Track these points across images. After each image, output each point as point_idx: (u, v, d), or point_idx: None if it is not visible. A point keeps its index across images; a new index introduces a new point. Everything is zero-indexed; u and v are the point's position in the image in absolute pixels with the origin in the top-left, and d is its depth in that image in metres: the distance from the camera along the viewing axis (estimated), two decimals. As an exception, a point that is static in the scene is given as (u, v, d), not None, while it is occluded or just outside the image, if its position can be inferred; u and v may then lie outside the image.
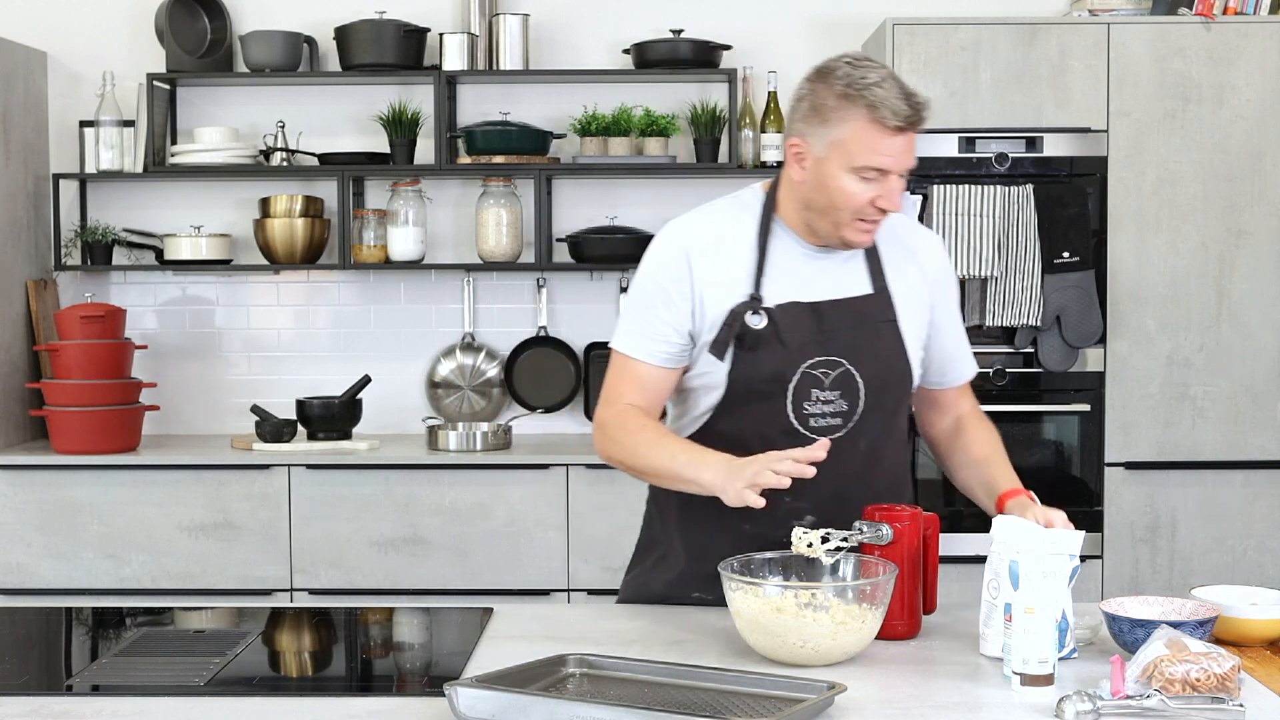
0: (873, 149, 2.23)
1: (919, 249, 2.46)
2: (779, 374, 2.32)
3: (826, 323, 2.34)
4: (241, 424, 4.80)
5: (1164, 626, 2.01)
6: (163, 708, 1.91)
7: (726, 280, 2.35)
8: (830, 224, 2.31)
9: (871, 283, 2.39)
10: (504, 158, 4.62)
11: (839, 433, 2.34)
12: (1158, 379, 4.33)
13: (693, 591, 2.41)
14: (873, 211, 2.28)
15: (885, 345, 2.37)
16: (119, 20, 4.85)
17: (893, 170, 2.25)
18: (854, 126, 2.23)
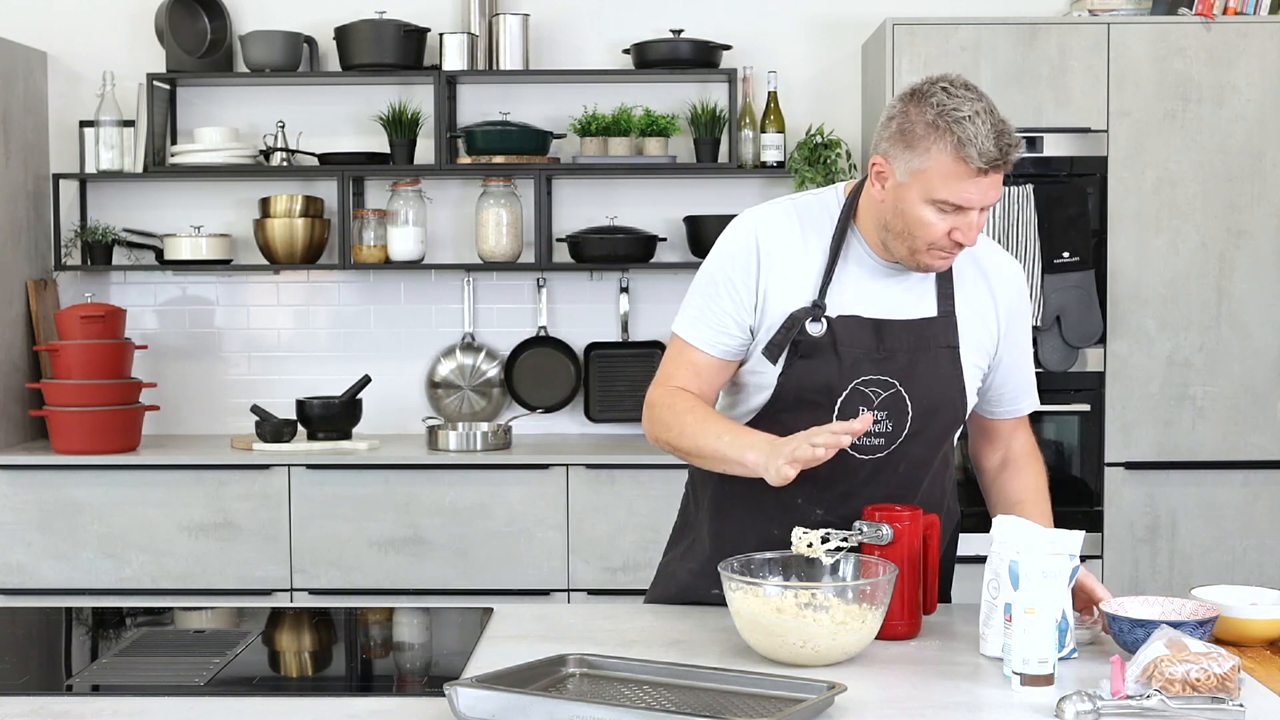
0: (955, 186, 2.16)
1: (996, 276, 2.38)
2: (829, 386, 2.29)
3: (886, 341, 2.29)
4: (241, 424, 4.80)
5: (1164, 626, 2.01)
6: (163, 708, 1.91)
7: (793, 281, 2.31)
8: (905, 249, 2.25)
9: (938, 305, 2.33)
10: (504, 158, 4.62)
11: (880, 454, 2.31)
12: (1158, 379, 4.33)
13: (713, 588, 2.40)
14: (949, 243, 2.21)
15: (942, 371, 2.32)
16: (119, 20, 4.85)
17: (975, 208, 2.19)
18: (939, 160, 2.16)
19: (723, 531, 2.41)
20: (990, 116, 2.15)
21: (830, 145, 4.63)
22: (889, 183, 2.23)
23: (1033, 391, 2.48)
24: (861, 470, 2.31)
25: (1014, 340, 2.41)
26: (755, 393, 2.36)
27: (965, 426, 2.48)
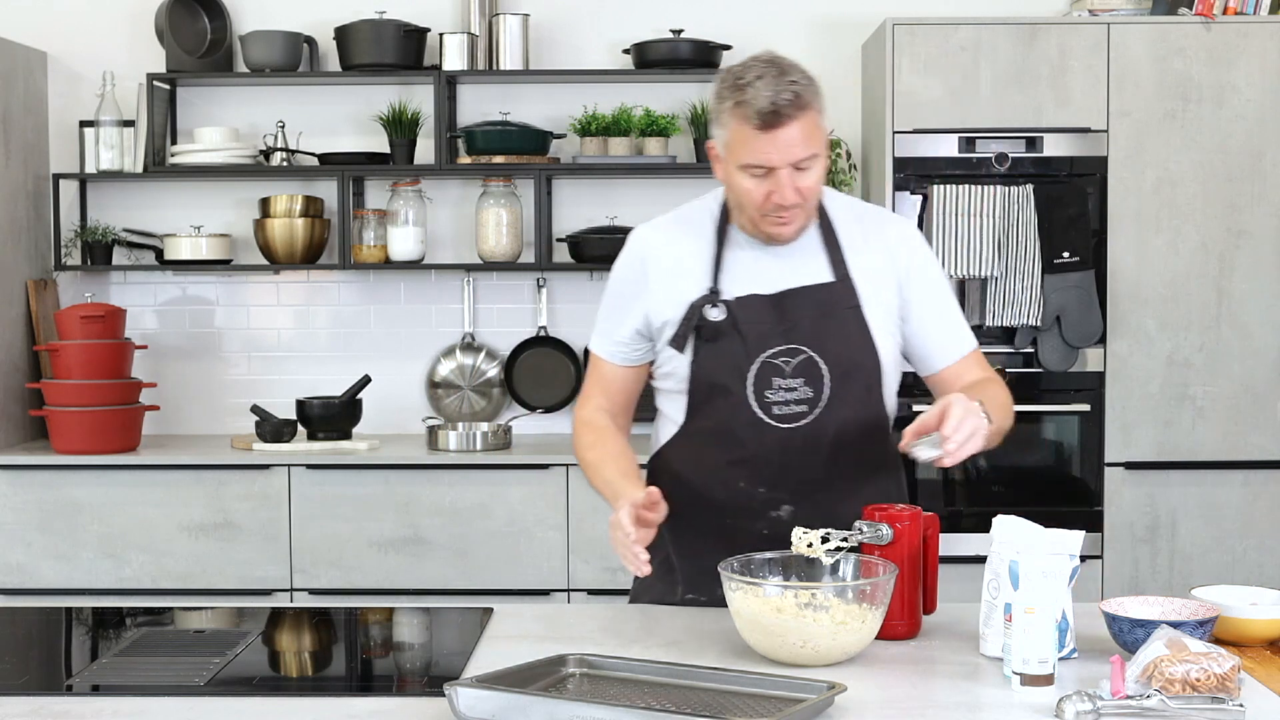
0: (751, 147, 2.26)
1: (886, 237, 2.45)
2: (737, 365, 2.36)
3: (788, 312, 2.37)
4: (241, 424, 4.80)
5: (1164, 626, 2.01)
6: (163, 708, 1.91)
7: (684, 278, 2.40)
8: (748, 221, 2.36)
9: (833, 271, 2.40)
10: (504, 158, 4.62)
11: (804, 420, 2.37)
12: (1158, 379, 4.33)
13: (686, 593, 2.43)
14: (771, 206, 2.30)
15: (849, 332, 2.38)
16: (119, 20, 4.85)
17: (776, 165, 2.26)
18: (732, 127, 2.28)
19: (680, 534, 2.44)
20: (772, 77, 2.25)
21: (830, 145, 4.63)
22: (719, 164, 2.36)
23: (963, 333, 2.48)
24: (792, 441, 2.37)
25: (923, 294, 2.44)
26: (674, 386, 2.45)
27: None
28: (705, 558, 2.37)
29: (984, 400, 2.25)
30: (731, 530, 2.38)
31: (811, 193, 2.32)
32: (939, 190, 4.25)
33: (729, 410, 2.36)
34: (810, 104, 2.29)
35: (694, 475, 2.43)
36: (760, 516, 2.38)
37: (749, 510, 2.38)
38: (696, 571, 2.42)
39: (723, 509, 2.39)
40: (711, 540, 2.38)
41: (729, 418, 2.37)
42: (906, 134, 4.30)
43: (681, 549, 2.45)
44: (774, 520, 2.38)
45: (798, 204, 2.30)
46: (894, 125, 4.30)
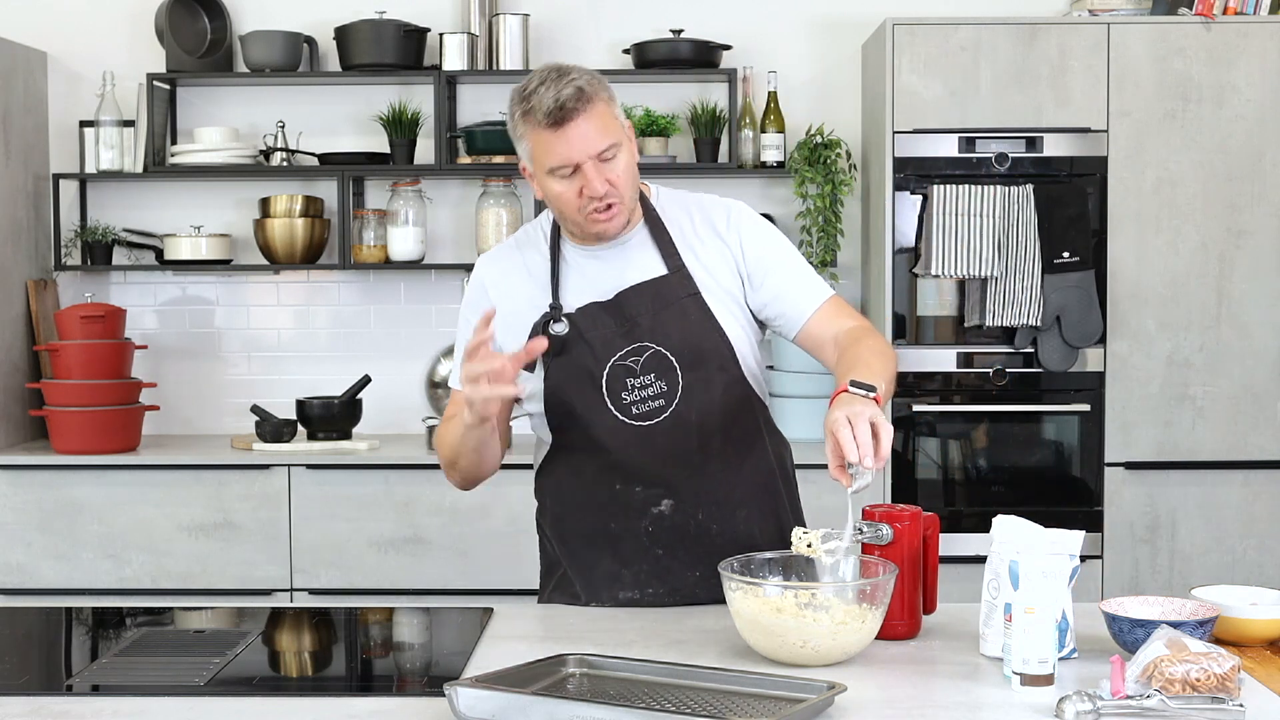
0: (550, 149, 2.29)
1: (715, 222, 2.46)
2: (589, 372, 2.38)
3: (626, 312, 2.39)
4: (241, 424, 4.81)
5: (1164, 626, 2.01)
6: (163, 708, 1.91)
7: (526, 300, 2.43)
8: (571, 224, 2.39)
9: (666, 264, 2.42)
10: (504, 158, 4.62)
11: (664, 414, 2.38)
12: (1158, 379, 4.33)
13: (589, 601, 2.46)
14: (587, 202, 2.32)
15: (691, 319, 2.39)
16: (119, 20, 4.85)
17: (578, 160, 2.29)
18: (529, 137, 2.32)
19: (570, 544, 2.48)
20: (553, 77, 2.29)
21: (830, 145, 4.63)
22: (533, 181, 2.38)
23: (815, 283, 2.45)
24: (655, 437, 2.38)
25: (762, 262, 2.43)
26: (535, 407, 2.47)
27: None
28: (598, 565, 2.44)
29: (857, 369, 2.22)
30: (618, 534, 2.42)
31: (623, 182, 2.33)
32: (939, 190, 4.24)
33: (590, 419, 2.39)
34: (595, 95, 2.30)
35: (573, 487, 2.46)
36: (643, 514, 2.41)
37: (630, 510, 2.41)
38: (593, 580, 2.46)
39: (605, 514, 2.42)
40: (600, 546, 2.43)
41: (591, 426, 2.40)
42: (906, 134, 4.30)
43: (575, 561, 2.48)
44: (656, 516, 2.41)
45: (612, 194, 2.32)
46: (894, 125, 4.30)
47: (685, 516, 2.41)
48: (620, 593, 2.43)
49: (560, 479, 2.50)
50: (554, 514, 2.51)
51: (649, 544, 2.41)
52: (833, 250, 4.61)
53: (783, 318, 2.45)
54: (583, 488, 2.45)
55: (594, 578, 2.45)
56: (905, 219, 4.34)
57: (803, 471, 2.62)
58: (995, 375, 4.34)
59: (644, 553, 2.42)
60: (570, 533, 2.48)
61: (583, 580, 2.47)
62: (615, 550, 2.42)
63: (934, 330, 4.41)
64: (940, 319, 4.41)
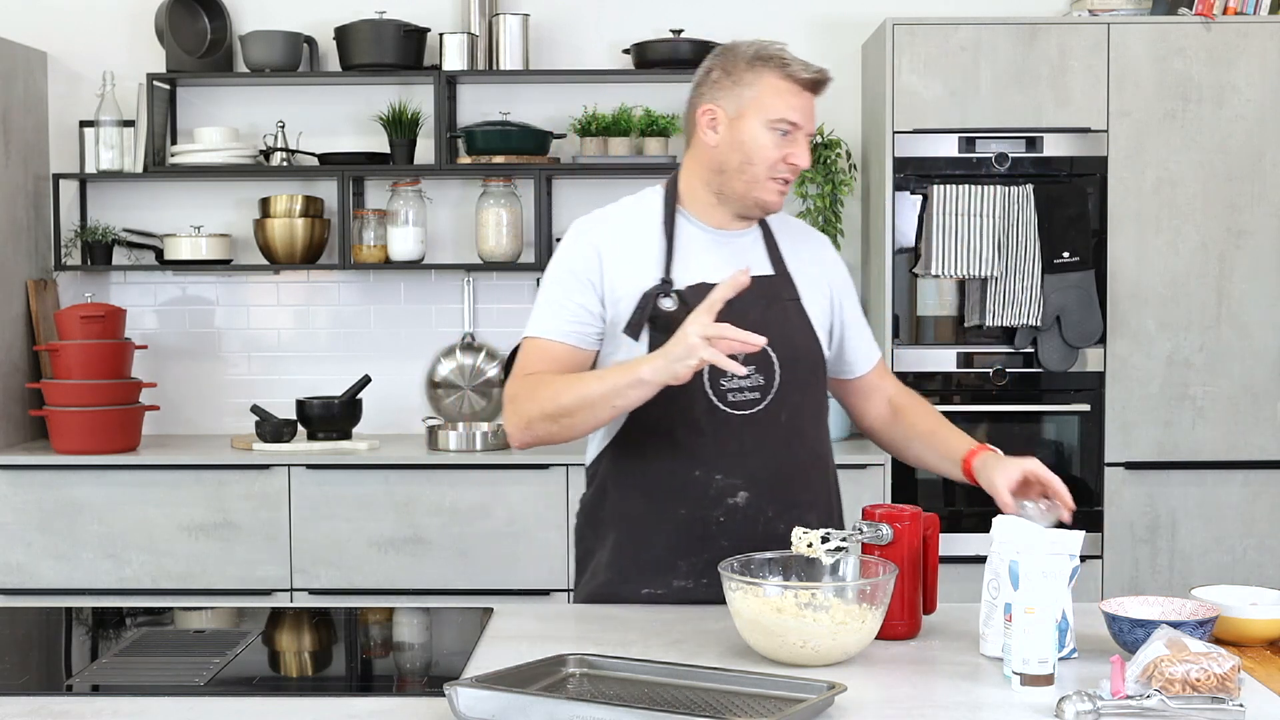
0: (786, 103, 2.37)
1: (815, 245, 2.59)
2: None
3: (736, 302, 2.36)
4: (241, 424, 4.81)
5: (1164, 626, 2.01)
6: (163, 708, 1.91)
7: (635, 268, 2.42)
8: (744, 183, 2.41)
9: (773, 266, 2.48)
10: (504, 158, 4.62)
11: (758, 407, 2.41)
12: (1158, 379, 4.33)
13: (641, 588, 2.43)
14: (785, 169, 2.39)
15: (792, 322, 2.46)
16: (119, 20, 4.85)
17: (802, 126, 2.38)
18: (768, 83, 2.38)
19: (630, 530, 2.45)
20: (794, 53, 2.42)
21: (830, 145, 4.63)
22: (721, 125, 2.41)
23: (874, 342, 2.65)
24: (746, 428, 2.40)
25: (850, 307, 2.59)
26: None
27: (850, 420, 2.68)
28: (652, 551, 2.42)
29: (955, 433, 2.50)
30: (688, 520, 2.40)
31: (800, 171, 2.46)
32: (939, 190, 4.25)
33: (685, 399, 2.36)
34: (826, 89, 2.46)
35: (644, 469, 2.43)
36: (717, 504, 2.40)
37: (705, 499, 2.40)
38: (643, 565, 2.43)
39: (676, 499, 2.40)
40: (662, 532, 2.41)
41: (685, 406, 2.38)
42: (906, 134, 4.31)
43: (627, 544, 2.45)
44: (730, 507, 2.40)
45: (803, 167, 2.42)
46: (894, 125, 4.31)
47: (757, 511, 2.40)
48: (674, 581, 2.40)
49: (630, 460, 2.46)
50: (615, 496, 2.47)
51: (717, 534, 2.39)
52: (833, 250, 4.61)
53: (849, 363, 2.60)
54: (656, 470, 2.41)
55: (645, 563, 2.42)
56: (905, 219, 4.34)
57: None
58: (995, 375, 4.34)
59: (709, 543, 2.38)
60: (633, 516, 2.44)
61: (633, 566, 2.43)
62: (677, 538, 2.39)
63: (934, 330, 4.41)
64: (940, 319, 4.41)
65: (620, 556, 2.46)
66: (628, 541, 2.45)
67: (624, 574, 2.45)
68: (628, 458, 2.46)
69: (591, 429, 2.40)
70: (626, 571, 2.45)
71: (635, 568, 2.44)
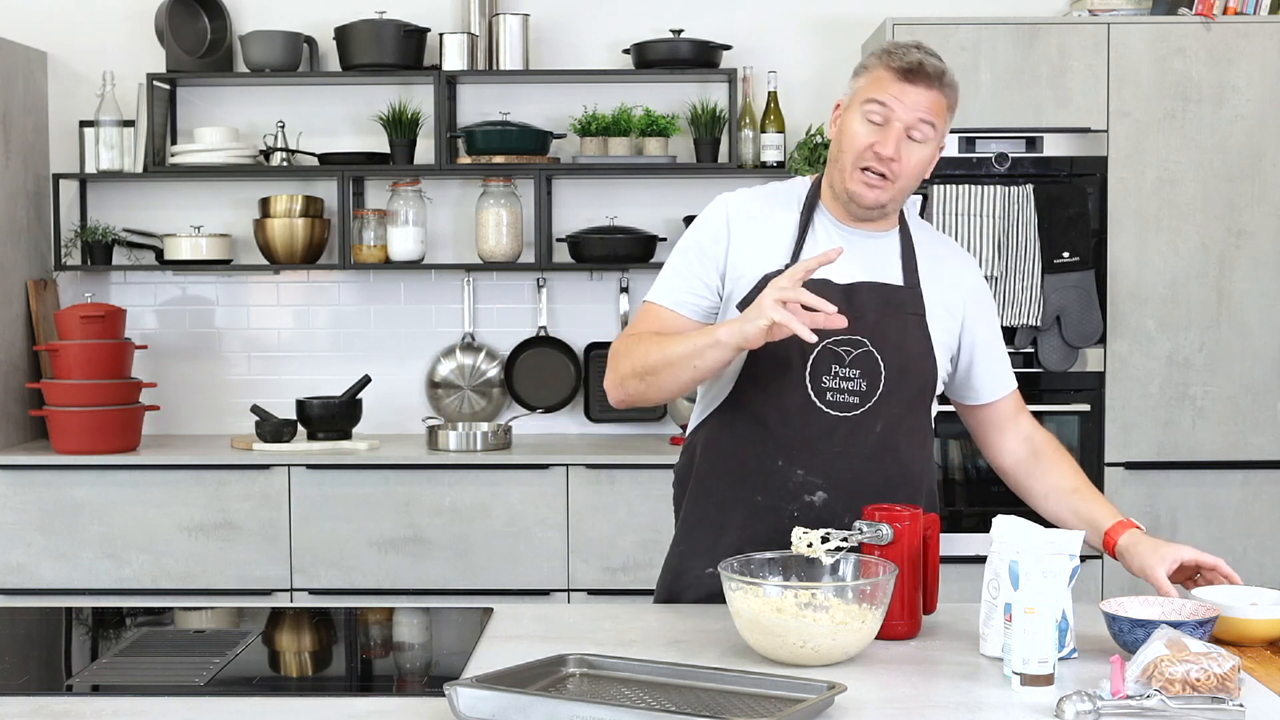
0: (880, 86, 2.35)
1: (957, 265, 2.52)
2: (800, 345, 2.32)
3: (855, 303, 2.38)
4: (241, 424, 4.81)
5: (1164, 626, 2.01)
6: (163, 708, 1.91)
7: (763, 249, 2.41)
8: (839, 173, 2.40)
9: (904, 277, 2.44)
10: (504, 158, 4.62)
11: (855, 411, 2.38)
12: (1158, 379, 4.33)
13: (706, 566, 2.42)
14: (870, 157, 2.35)
15: (911, 335, 2.41)
16: (119, 20, 4.85)
17: (895, 115, 2.34)
18: (874, 73, 2.38)
19: (705, 508, 2.46)
20: (929, 51, 2.39)
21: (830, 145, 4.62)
22: (837, 116, 2.44)
23: (1010, 372, 2.58)
24: (839, 429, 2.38)
25: (987, 330, 2.52)
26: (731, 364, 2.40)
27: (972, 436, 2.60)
28: (725, 533, 2.41)
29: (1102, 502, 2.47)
30: (763, 508, 2.39)
31: (907, 169, 2.38)
32: (939, 190, 4.24)
33: (783, 389, 2.36)
34: (946, 86, 2.39)
35: (730, 449, 2.42)
36: (794, 499, 2.38)
37: (784, 490, 2.38)
38: (716, 545, 2.42)
39: (755, 485, 2.40)
40: (737, 515, 2.40)
41: (782, 396, 2.37)
42: (906, 134, 4.30)
43: (703, 522, 2.45)
44: (807, 504, 2.39)
45: (893, 169, 2.36)
46: (894, 125, 4.30)
47: (833, 515, 2.37)
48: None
49: (721, 438, 2.44)
50: (701, 470, 2.46)
51: (789, 528, 2.32)
52: (833, 250, 4.61)
53: (978, 388, 2.53)
54: (742, 452, 2.40)
55: (716, 545, 2.41)
56: (905, 219, 4.34)
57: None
58: (995, 375, 4.33)
59: (780, 536, 2.34)
60: (712, 493, 2.44)
61: (700, 541, 2.44)
62: (750, 524, 2.38)
63: (934, 330, 4.40)
64: (940, 319, 4.40)
65: (694, 532, 2.47)
66: (704, 517, 2.46)
67: (695, 550, 2.46)
68: (720, 434, 2.45)
69: (678, 389, 2.35)
70: (697, 548, 2.45)
71: (705, 546, 2.44)
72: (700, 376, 2.31)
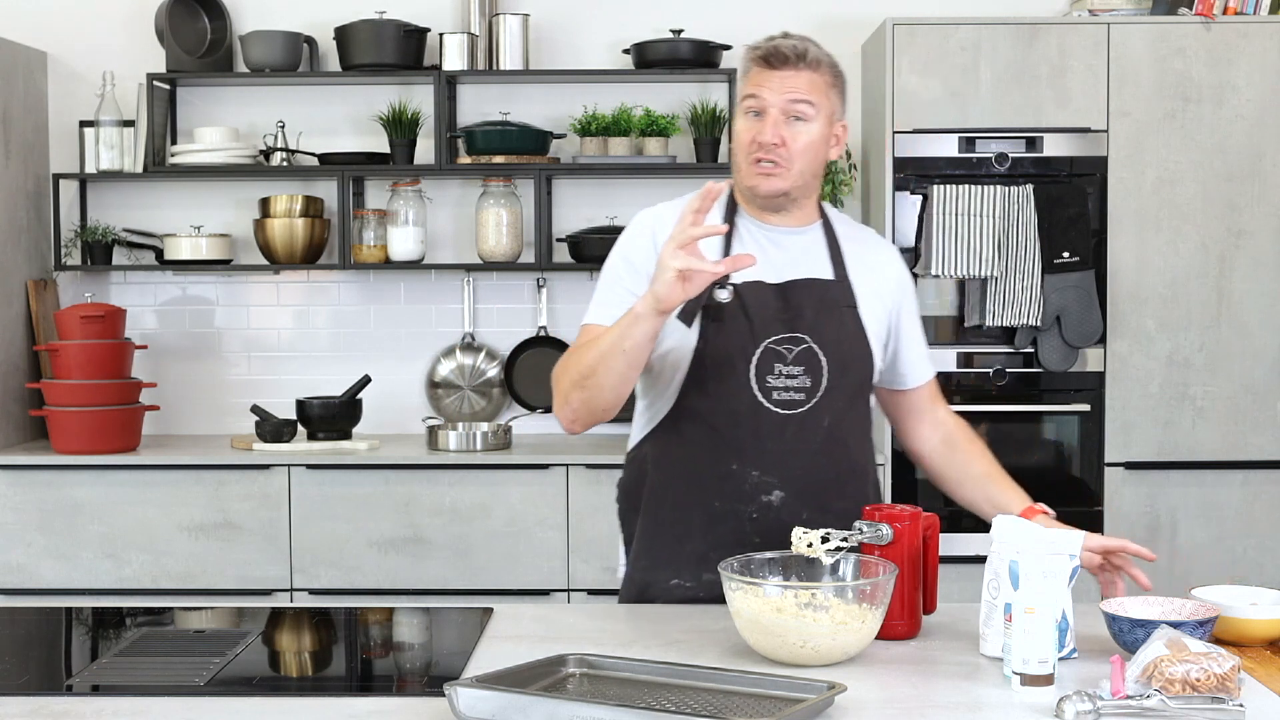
0: (749, 81, 2.42)
1: (880, 253, 2.57)
2: (742, 347, 2.39)
3: (791, 301, 2.42)
4: (241, 424, 4.81)
5: (1164, 626, 2.01)
6: (163, 708, 1.91)
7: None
8: (738, 174, 2.45)
9: (834, 270, 2.47)
10: (504, 158, 4.62)
11: (802, 408, 2.40)
12: (1158, 379, 4.33)
13: (671, 578, 2.43)
14: (755, 148, 2.39)
15: (847, 328, 2.45)
16: (119, 20, 4.85)
17: (767, 104, 2.38)
18: (744, 71, 2.46)
19: (663, 519, 2.46)
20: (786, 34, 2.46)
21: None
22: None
23: (930, 361, 2.64)
24: (788, 427, 2.40)
25: (909, 312, 2.57)
26: (675, 371, 2.43)
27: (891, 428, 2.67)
28: (686, 543, 2.42)
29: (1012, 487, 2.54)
30: (720, 514, 2.40)
31: (796, 150, 2.39)
32: (939, 190, 4.25)
33: (730, 392, 2.38)
34: (819, 63, 2.41)
35: (683, 457, 2.43)
36: (751, 500, 2.40)
37: (741, 493, 2.40)
38: (677, 557, 2.43)
39: (711, 492, 2.41)
40: (696, 524, 2.42)
41: (729, 400, 2.39)
42: (906, 134, 4.31)
43: (661, 534, 2.46)
44: (765, 505, 2.40)
45: (780, 154, 2.38)
46: (894, 125, 4.31)
47: (792, 514, 2.39)
48: (704, 574, 2.39)
49: (671, 448, 2.46)
50: (655, 482, 2.46)
51: (750, 531, 2.39)
52: (833, 250, 4.61)
53: (901, 375, 2.58)
54: (695, 460, 2.41)
55: (677, 553, 2.42)
56: (905, 219, 4.34)
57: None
58: (995, 375, 4.34)
59: (741, 540, 2.37)
60: (668, 504, 2.45)
61: (662, 553, 2.44)
62: (711, 531, 2.39)
63: (934, 330, 4.41)
64: (940, 319, 4.41)
65: (654, 544, 2.47)
66: (662, 528, 2.46)
67: (657, 562, 2.46)
68: (671, 443, 2.46)
69: (618, 382, 2.33)
70: (659, 559, 2.45)
71: (667, 557, 2.44)
72: (634, 360, 2.29)
